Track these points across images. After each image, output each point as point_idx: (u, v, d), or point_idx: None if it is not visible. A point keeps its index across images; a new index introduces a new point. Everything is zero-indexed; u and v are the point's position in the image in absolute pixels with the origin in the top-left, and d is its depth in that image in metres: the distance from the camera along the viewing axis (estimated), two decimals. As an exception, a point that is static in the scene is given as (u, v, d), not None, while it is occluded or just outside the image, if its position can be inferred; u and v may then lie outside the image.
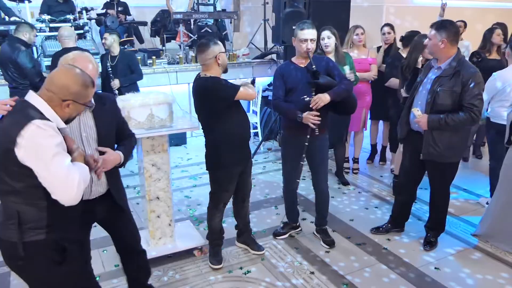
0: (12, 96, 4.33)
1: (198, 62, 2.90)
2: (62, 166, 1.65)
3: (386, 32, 4.73)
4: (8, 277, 3.01)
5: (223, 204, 3.05)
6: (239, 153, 2.92)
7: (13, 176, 1.66)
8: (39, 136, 1.61)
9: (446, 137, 3.01)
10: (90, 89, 1.81)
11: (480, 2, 9.05)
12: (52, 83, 1.74)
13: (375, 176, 4.85)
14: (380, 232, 3.55)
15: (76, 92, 1.75)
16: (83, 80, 1.77)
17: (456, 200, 4.17)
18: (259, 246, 3.30)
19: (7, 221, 1.71)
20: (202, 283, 2.94)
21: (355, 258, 3.23)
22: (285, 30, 4.93)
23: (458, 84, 2.90)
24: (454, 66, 2.92)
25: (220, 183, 2.98)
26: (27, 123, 1.61)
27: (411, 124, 3.16)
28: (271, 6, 6.24)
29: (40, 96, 1.73)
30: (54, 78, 1.75)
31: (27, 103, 1.72)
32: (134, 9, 7.59)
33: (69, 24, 5.89)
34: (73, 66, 1.83)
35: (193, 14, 6.31)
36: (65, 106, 1.74)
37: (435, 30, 2.94)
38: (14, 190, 1.68)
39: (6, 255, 1.80)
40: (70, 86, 1.73)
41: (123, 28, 7.01)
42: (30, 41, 4.48)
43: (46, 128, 1.63)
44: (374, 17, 7.67)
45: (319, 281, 2.95)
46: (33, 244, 1.73)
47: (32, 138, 1.60)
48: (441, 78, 2.96)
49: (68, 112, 1.77)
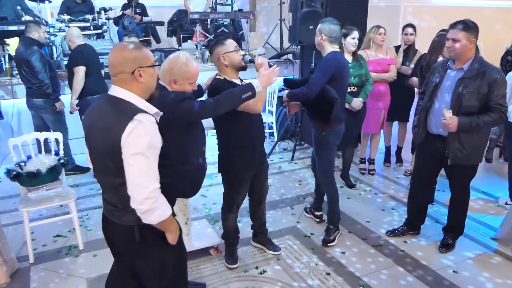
0: (28, 96, 4.46)
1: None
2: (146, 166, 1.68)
3: (409, 33, 4.66)
4: (28, 272, 3.06)
5: (236, 205, 3.03)
6: (250, 157, 2.87)
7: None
8: (139, 130, 1.66)
9: (473, 139, 2.96)
10: (145, 50, 1.80)
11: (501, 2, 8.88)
12: (113, 66, 1.76)
13: (392, 177, 4.81)
14: (396, 234, 3.51)
15: (136, 57, 1.74)
16: (134, 45, 1.79)
17: (475, 203, 4.10)
18: (275, 246, 3.30)
19: (126, 208, 1.76)
20: (218, 282, 2.95)
21: (372, 260, 3.21)
22: (302, 30, 4.93)
23: (484, 85, 2.84)
24: (477, 67, 2.87)
25: (232, 185, 2.97)
26: (131, 119, 1.65)
27: (431, 127, 3.11)
28: (288, 6, 6.22)
29: (120, 87, 1.76)
30: (111, 62, 1.76)
31: (118, 99, 1.75)
32: (151, 9, 7.64)
33: (88, 24, 5.98)
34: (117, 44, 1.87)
35: (210, 14, 6.33)
36: (138, 77, 1.74)
37: (463, 30, 2.82)
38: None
39: (124, 239, 1.88)
40: (127, 55, 1.74)
41: (141, 28, 7.07)
42: (41, 39, 4.49)
43: (145, 122, 1.67)
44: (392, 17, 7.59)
45: (335, 282, 2.94)
46: (148, 228, 1.79)
47: (132, 133, 1.65)
48: (465, 79, 2.89)
49: (146, 82, 1.77)
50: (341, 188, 4.51)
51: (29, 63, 4.25)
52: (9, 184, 3.91)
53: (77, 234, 3.34)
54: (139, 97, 1.77)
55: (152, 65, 1.79)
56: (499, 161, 5.30)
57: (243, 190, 3.00)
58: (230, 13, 6.62)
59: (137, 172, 1.66)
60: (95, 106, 1.86)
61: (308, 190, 4.41)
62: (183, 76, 2.31)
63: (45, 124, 4.58)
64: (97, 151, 1.78)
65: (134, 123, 1.65)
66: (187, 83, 2.33)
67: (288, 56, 6.44)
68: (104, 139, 1.71)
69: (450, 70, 3.02)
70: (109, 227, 1.92)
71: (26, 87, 4.48)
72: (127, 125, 1.64)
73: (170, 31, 7.35)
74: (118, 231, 1.88)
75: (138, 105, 1.74)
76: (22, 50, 4.32)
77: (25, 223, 3.15)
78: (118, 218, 1.85)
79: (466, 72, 2.90)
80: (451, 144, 2.98)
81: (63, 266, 3.14)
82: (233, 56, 2.72)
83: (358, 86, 4.04)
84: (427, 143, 3.18)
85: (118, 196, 1.79)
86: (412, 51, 4.68)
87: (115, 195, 1.81)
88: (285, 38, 6.65)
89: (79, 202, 4.02)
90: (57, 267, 3.13)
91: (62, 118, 4.65)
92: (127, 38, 4.91)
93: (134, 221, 1.77)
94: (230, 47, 2.71)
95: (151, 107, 1.79)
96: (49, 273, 3.06)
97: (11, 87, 4.91)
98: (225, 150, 2.88)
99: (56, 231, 3.61)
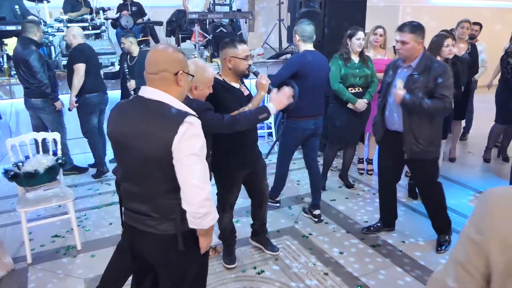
0: (26, 96, 4.45)
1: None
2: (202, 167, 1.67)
3: None
4: (26, 273, 3.06)
5: (230, 205, 3.03)
6: (240, 158, 2.87)
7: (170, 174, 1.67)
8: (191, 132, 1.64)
9: (426, 133, 3.06)
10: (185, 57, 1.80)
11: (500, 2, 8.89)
12: (156, 63, 1.71)
13: (390, 177, 4.80)
14: (371, 231, 3.55)
15: (181, 60, 1.75)
16: (177, 49, 1.80)
17: (474, 204, 4.11)
18: (274, 247, 3.30)
19: (165, 217, 1.73)
20: (216, 282, 2.95)
21: (370, 260, 3.21)
22: (301, 30, 4.91)
23: (431, 80, 2.97)
24: (425, 64, 3.00)
25: (223, 185, 2.98)
26: (182, 121, 1.62)
27: (388, 124, 3.21)
28: (286, 6, 6.23)
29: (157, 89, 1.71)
30: (153, 60, 1.72)
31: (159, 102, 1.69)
32: (149, 9, 7.65)
33: (86, 24, 5.98)
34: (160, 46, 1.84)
35: (209, 14, 6.33)
36: (179, 80, 1.72)
37: (411, 33, 2.95)
38: (171, 188, 1.69)
39: (161, 249, 1.81)
40: (174, 55, 1.73)
41: (139, 28, 7.07)
42: (40, 39, 4.48)
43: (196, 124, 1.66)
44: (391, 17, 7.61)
45: (333, 283, 2.94)
46: (189, 234, 1.76)
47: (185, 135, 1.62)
48: (413, 76, 3.01)
49: (183, 87, 1.76)
50: (339, 188, 4.51)
51: (28, 63, 4.24)
52: (7, 184, 3.90)
53: (75, 235, 3.33)
54: (179, 101, 1.72)
55: (189, 73, 1.80)
56: (498, 161, 5.31)
57: (235, 191, 3.00)
58: (229, 13, 6.61)
59: (195, 173, 1.62)
60: (127, 111, 1.76)
61: (306, 190, 4.41)
62: (203, 82, 2.41)
63: (43, 124, 4.57)
64: (135, 159, 1.70)
65: (185, 126, 1.61)
66: (206, 87, 2.46)
67: (286, 56, 6.43)
68: (149, 146, 1.65)
69: (400, 69, 3.13)
70: (138, 236, 1.82)
71: (24, 87, 4.47)
72: (178, 128, 1.60)
73: (168, 31, 7.35)
74: (152, 241, 1.79)
75: (178, 107, 1.69)
76: (20, 50, 4.30)
77: (23, 223, 3.14)
78: (152, 227, 1.75)
79: (414, 69, 3.03)
80: (406, 138, 3.08)
81: (61, 267, 3.14)
82: (240, 63, 2.72)
83: (363, 87, 4.04)
84: (386, 140, 3.28)
85: (154, 205, 1.73)
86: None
87: (150, 204, 1.73)
88: (283, 38, 6.66)
89: (77, 202, 4.02)
90: (55, 268, 3.12)
91: (61, 118, 4.64)
92: (124, 38, 4.88)
93: (175, 229, 1.72)
94: (240, 54, 2.70)
95: (190, 110, 1.72)
96: (47, 274, 3.05)
97: (9, 87, 4.91)
98: (217, 150, 2.83)
99: (54, 232, 3.60)
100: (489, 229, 0.92)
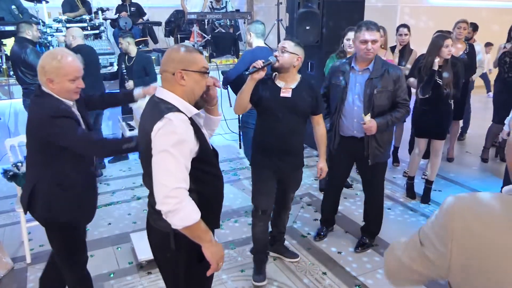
0: (25, 96, 4.45)
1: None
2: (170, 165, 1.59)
3: (403, 33, 4.69)
4: (25, 273, 3.07)
5: (261, 211, 2.81)
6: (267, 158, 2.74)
7: None
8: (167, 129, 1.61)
9: (385, 137, 3.07)
10: (196, 55, 1.75)
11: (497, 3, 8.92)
12: (161, 64, 1.76)
13: (388, 177, 4.81)
14: (322, 237, 3.49)
15: (181, 59, 1.70)
16: (186, 48, 1.76)
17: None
18: (293, 253, 3.23)
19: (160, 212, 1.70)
20: (214, 282, 2.93)
21: (368, 259, 3.22)
22: (299, 31, 4.94)
23: (390, 83, 2.92)
24: (381, 66, 2.93)
25: (253, 181, 2.87)
26: (161, 117, 1.61)
27: (344, 130, 3.09)
28: (285, 6, 6.24)
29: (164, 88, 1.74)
30: (161, 61, 1.78)
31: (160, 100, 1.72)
32: (148, 10, 7.66)
33: (85, 24, 5.98)
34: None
35: (207, 14, 6.35)
36: (179, 79, 1.69)
37: (378, 31, 2.86)
38: None
39: (157, 245, 1.83)
40: (174, 55, 1.72)
41: (138, 29, 7.08)
42: (35, 38, 4.48)
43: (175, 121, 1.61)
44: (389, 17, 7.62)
45: (331, 282, 2.95)
46: (182, 236, 1.68)
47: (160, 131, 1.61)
48: (373, 79, 2.92)
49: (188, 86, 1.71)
50: (338, 188, 4.52)
51: (26, 62, 4.25)
52: (6, 185, 3.90)
53: (74, 234, 3.34)
54: (181, 99, 1.71)
55: (199, 71, 1.73)
56: (496, 161, 5.33)
57: (264, 191, 2.80)
58: (227, 13, 6.63)
59: (160, 170, 1.59)
60: (145, 108, 1.83)
61: (305, 190, 4.42)
62: (57, 73, 2.04)
63: None
64: (141, 154, 1.79)
65: (163, 121, 1.60)
66: (66, 79, 2.04)
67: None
68: (141, 141, 1.73)
69: (354, 73, 3.00)
70: (148, 230, 1.89)
71: (22, 88, 4.47)
72: (156, 123, 1.61)
73: (167, 32, 7.37)
74: (153, 235, 1.84)
75: (176, 105, 1.68)
76: (17, 50, 4.31)
77: (22, 223, 3.15)
78: (154, 221, 1.79)
79: (372, 72, 2.93)
80: (370, 144, 3.03)
81: (60, 266, 3.14)
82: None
83: None
84: (341, 147, 3.15)
85: (153, 199, 1.73)
86: (407, 51, 4.70)
87: (153, 198, 1.72)
88: (282, 38, 6.67)
89: (76, 202, 4.02)
90: (54, 267, 3.13)
91: None
92: (122, 38, 4.88)
93: (169, 227, 1.66)
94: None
95: (191, 108, 1.72)
96: (46, 273, 3.06)
97: (8, 87, 4.91)
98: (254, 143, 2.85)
99: (53, 231, 3.60)
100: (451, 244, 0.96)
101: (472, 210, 0.95)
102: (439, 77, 3.65)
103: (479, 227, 0.92)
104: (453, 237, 0.95)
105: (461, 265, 0.94)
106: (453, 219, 0.96)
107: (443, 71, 3.66)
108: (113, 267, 3.10)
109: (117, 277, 3.00)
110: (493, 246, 0.89)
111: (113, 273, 3.03)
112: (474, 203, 0.96)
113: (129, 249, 3.32)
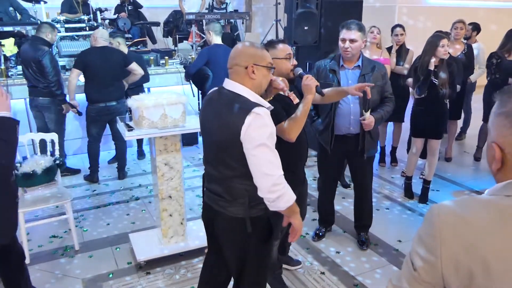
0: (33, 95, 4.43)
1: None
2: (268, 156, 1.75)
3: (398, 33, 4.71)
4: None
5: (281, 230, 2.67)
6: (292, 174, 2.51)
7: (241, 161, 1.80)
8: (258, 122, 1.75)
9: (376, 130, 3.17)
10: (264, 51, 1.93)
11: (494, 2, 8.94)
12: (231, 58, 1.89)
13: (386, 177, 4.84)
14: (321, 237, 3.50)
15: (253, 54, 1.87)
16: (255, 44, 1.95)
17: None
18: (297, 261, 3.18)
19: (235, 200, 1.88)
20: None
21: (366, 259, 3.23)
22: (297, 31, 4.95)
23: (379, 78, 3.03)
24: (368, 63, 3.04)
25: None
26: (249, 112, 1.74)
27: (341, 129, 3.09)
28: (283, 6, 6.25)
29: (234, 80, 1.88)
30: (230, 55, 1.90)
31: (232, 93, 1.86)
32: (146, 10, 7.66)
33: (83, 24, 5.98)
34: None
35: (206, 14, 6.35)
36: (250, 73, 1.84)
37: (359, 31, 2.93)
38: (242, 174, 1.83)
39: (228, 229, 1.95)
40: (245, 50, 1.88)
41: (137, 29, 7.08)
42: (52, 41, 4.54)
43: (263, 115, 1.76)
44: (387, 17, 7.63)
45: (329, 282, 2.96)
46: (256, 220, 1.89)
47: (252, 125, 1.74)
48: (365, 76, 3.00)
49: (258, 79, 1.87)
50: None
51: (41, 64, 4.27)
52: (4, 185, 3.90)
53: (73, 235, 3.34)
54: (253, 92, 1.86)
55: (266, 66, 1.90)
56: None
57: None
58: (226, 13, 6.63)
59: (262, 162, 1.74)
60: (211, 100, 1.96)
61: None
62: None
63: (46, 126, 4.56)
64: (213, 145, 1.91)
65: (252, 116, 1.73)
66: None
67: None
68: (222, 134, 1.82)
69: (344, 70, 3.05)
70: (211, 215, 2.00)
71: (29, 86, 4.47)
72: (245, 118, 1.73)
73: (166, 32, 7.36)
74: (223, 221, 1.95)
75: (250, 98, 1.83)
76: (32, 50, 4.32)
77: (20, 224, 3.14)
78: (223, 208, 1.92)
79: (363, 69, 3.02)
80: (365, 139, 3.10)
81: (58, 267, 3.15)
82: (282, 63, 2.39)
83: None
84: (334, 146, 3.16)
85: (227, 188, 1.89)
86: (404, 50, 4.73)
87: (224, 187, 1.90)
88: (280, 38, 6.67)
89: (74, 203, 4.03)
90: (52, 268, 3.14)
91: (64, 119, 4.66)
92: (112, 38, 4.81)
93: (243, 213, 1.87)
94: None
95: (263, 101, 1.87)
96: (44, 274, 3.07)
97: (6, 88, 4.91)
98: None
99: (51, 232, 3.61)
100: (441, 251, 0.95)
101: (457, 216, 0.96)
102: (435, 77, 3.67)
103: (465, 230, 0.93)
104: (442, 242, 0.95)
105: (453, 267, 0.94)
106: (440, 226, 0.96)
107: (439, 71, 3.68)
108: (112, 268, 3.11)
109: (116, 277, 3.00)
110: (481, 249, 0.90)
111: (112, 273, 3.04)
112: (458, 208, 0.97)
113: (128, 249, 3.33)
